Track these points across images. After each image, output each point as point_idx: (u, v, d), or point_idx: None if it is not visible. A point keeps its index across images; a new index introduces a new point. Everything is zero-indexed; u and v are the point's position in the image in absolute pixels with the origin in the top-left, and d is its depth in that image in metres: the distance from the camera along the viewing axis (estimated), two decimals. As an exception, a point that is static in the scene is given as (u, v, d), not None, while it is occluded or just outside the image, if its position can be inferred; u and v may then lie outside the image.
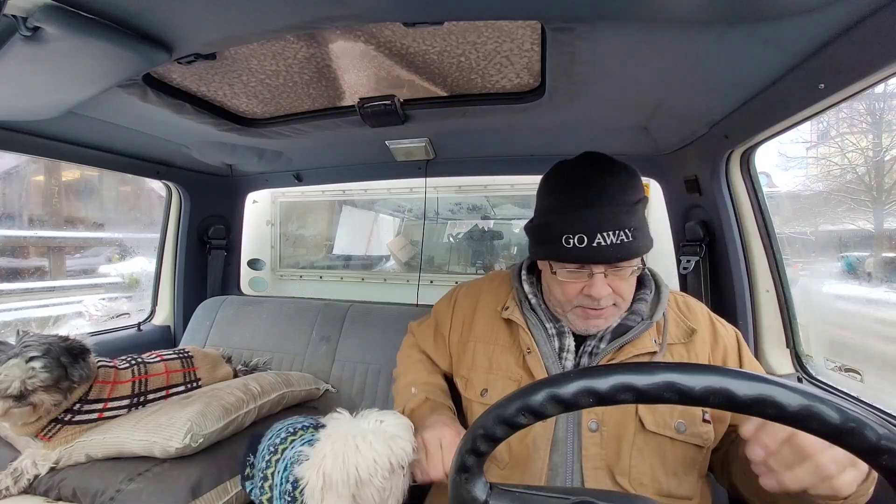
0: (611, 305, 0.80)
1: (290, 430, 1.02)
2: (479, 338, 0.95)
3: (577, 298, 0.80)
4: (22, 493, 1.04)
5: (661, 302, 0.85)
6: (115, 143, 1.42)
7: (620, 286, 0.79)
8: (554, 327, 0.87)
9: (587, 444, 0.77)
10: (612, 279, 0.78)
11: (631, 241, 0.74)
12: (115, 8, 0.64)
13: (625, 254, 0.74)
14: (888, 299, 1.34)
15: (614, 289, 0.78)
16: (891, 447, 0.32)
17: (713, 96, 0.93)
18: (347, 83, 1.05)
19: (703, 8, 0.60)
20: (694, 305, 0.90)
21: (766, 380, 0.36)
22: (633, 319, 0.83)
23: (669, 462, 0.76)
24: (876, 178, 1.47)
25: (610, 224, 0.74)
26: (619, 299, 0.80)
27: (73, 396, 1.09)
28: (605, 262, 0.75)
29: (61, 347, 1.07)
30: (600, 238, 0.73)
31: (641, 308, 0.85)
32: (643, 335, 0.81)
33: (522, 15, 0.68)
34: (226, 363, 1.54)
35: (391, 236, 2.76)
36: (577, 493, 0.47)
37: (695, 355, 0.81)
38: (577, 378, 0.40)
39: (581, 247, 0.74)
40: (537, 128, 1.25)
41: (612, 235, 0.73)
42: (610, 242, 0.73)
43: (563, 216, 0.77)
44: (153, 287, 1.98)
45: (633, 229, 0.75)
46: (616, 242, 0.73)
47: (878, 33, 0.60)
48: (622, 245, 0.74)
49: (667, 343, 0.82)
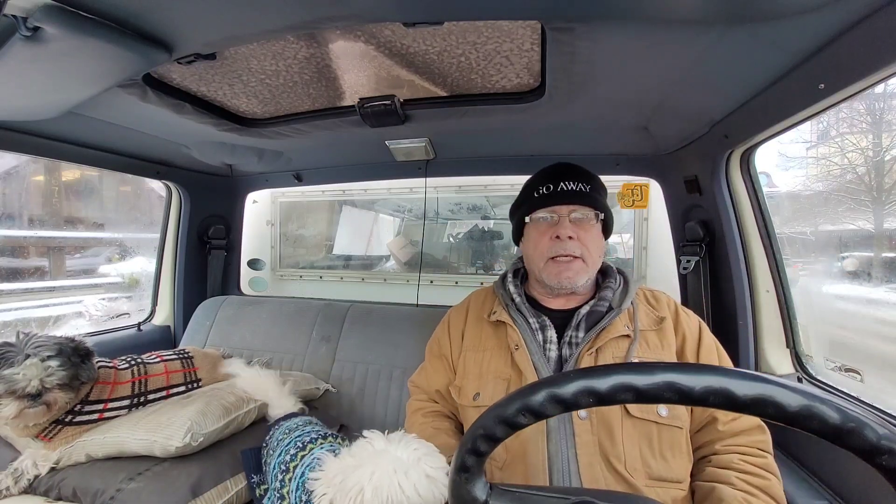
0: (578, 258, 0.91)
1: (298, 445, 0.99)
2: (469, 347, 1.02)
3: (548, 248, 0.92)
4: (22, 493, 1.04)
5: (628, 293, 0.94)
6: (115, 143, 1.42)
7: (584, 237, 0.92)
8: (537, 322, 0.94)
9: (579, 432, 0.81)
10: (577, 228, 0.92)
11: (589, 191, 0.92)
12: (115, 8, 0.64)
13: (585, 200, 0.91)
14: (888, 299, 1.34)
15: (580, 238, 0.91)
16: (891, 447, 0.32)
17: (713, 96, 0.93)
18: (347, 83, 1.05)
19: (703, 8, 0.60)
20: (660, 297, 0.99)
21: (766, 380, 0.35)
22: (602, 305, 0.93)
23: (657, 446, 0.80)
24: (876, 178, 1.47)
25: (571, 176, 0.93)
26: (585, 251, 0.92)
27: (77, 397, 1.10)
28: (567, 202, 0.92)
29: (71, 348, 1.08)
30: (563, 185, 0.92)
31: (608, 295, 0.94)
32: (615, 321, 0.89)
33: (522, 15, 0.68)
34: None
35: (391, 236, 2.76)
36: (576, 493, 0.47)
37: (665, 339, 0.89)
38: (577, 378, 0.40)
39: (547, 193, 0.94)
40: (537, 128, 1.25)
41: (572, 184, 0.92)
42: (570, 189, 0.92)
43: (534, 180, 0.99)
44: (153, 287, 1.98)
45: (590, 187, 0.92)
46: (576, 189, 0.92)
47: (878, 33, 0.60)
48: (582, 192, 0.91)
49: (639, 329, 0.89)
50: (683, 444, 0.82)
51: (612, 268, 1.02)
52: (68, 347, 1.07)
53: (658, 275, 1.79)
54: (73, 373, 1.05)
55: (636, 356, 0.85)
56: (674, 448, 0.80)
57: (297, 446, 0.99)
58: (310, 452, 0.96)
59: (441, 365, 1.06)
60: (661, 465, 0.79)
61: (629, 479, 0.76)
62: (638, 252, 1.90)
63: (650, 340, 0.89)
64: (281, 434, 1.07)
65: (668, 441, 0.80)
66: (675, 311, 0.95)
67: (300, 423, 1.10)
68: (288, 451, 0.99)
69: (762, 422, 0.84)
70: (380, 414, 1.52)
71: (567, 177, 0.94)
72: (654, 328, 0.90)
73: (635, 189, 1.64)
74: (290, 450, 0.99)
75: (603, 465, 0.78)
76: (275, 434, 1.09)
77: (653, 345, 0.88)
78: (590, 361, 0.86)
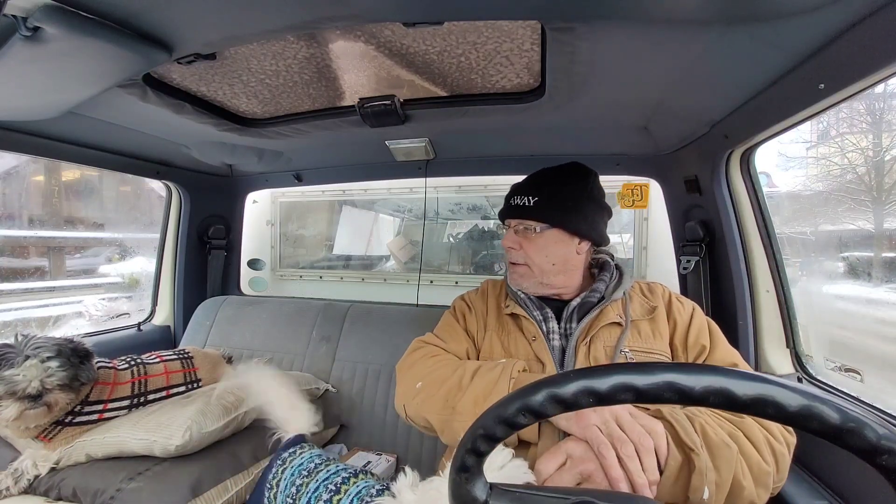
0: (522, 264, 0.99)
1: (330, 488, 0.86)
2: (492, 328, 1.04)
3: (507, 255, 1.02)
4: (22, 493, 1.04)
5: (622, 283, 0.98)
6: (115, 143, 1.42)
7: (527, 246, 0.98)
8: (540, 314, 0.98)
9: None
10: (521, 239, 0.99)
11: (531, 206, 0.96)
12: (115, 8, 0.64)
13: (523, 213, 0.98)
14: (888, 299, 1.34)
15: (524, 248, 0.99)
16: (891, 447, 0.32)
17: (713, 96, 0.93)
18: (347, 83, 1.05)
19: (703, 8, 0.60)
20: (655, 288, 1.02)
21: (766, 380, 0.35)
22: (594, 296, 0.97)
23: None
24: (876, 178, 1.47)
25: (522, 192, 0.99)
26: (529, 260, 0.98)
27: (77, 398, 1.10)
28: (513, 215, 1.00)
29: (70, 349, 1.08)
30: (512, 200, 1.01)
31: (601, 287, 0.98)
32: (606, 309, 0.94)
33: (522, 15, 0.68)
34: (226, 363, 1.54)
35: (391, 236, 2.76)
36: (577, 493, 0.47)
37: (657, 329, 0.92)
38: (577, 378, 0.40)
39: (504, 208, 1.03)
40: (537, 128, 1.25)
41: (519, 199, 0.99)
42: (516, 204, 0.99)
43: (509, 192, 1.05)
44: (153, 287, 1.98)
45: (536, 200, 0.96)
46: (521, 204, 0.98)
47: (878, 33, 0.60)
48: (523, 206, 0.98)
49: (630, 319, 0.92)
50: None
51: (610, 262, 1.04)
52: (67, 348, 1.07)
53: (658, 275, 1.79)
54: (73, 373, 1.05)
55: (627, 345, 0.88)
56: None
57: (331, 490, 0.85)
58: (346, 495, 0.84)
59: (462, 336, 1.04)
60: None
61: None
62: (638, 252, 1.91)
63: (642, 330, 0.91)
64: (294, 475, 0.92)
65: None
66: (669, 299, 0.98)
67: (314, 460, 0.95)
68: (320, 497, 0.85)
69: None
70: (380, 414, 1.52)
71: (521, 190, 1.01)
72: (646, 318, 0.93)
73: (635, 189, 1.64)
74: (322, 496, 0.85)
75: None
76: (283, 475, 0.94)
77: (644, 334, 0.91)
78: (584, 350, 0.89)
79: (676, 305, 0.96)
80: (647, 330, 0.91)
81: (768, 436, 0.72)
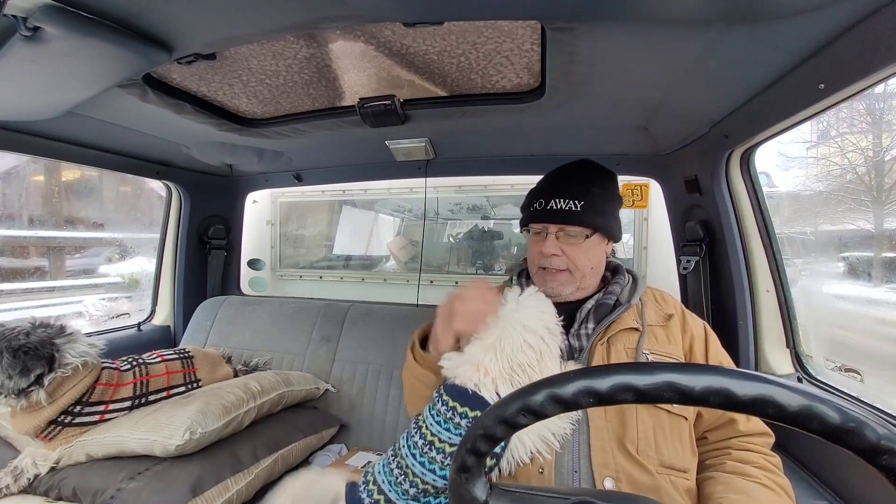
0: (564, 270, 0.94)
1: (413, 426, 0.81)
2: None
3: (539, 259, 0.96)
4: (22, 493, 1.04)
5: (637, 289, 0.97)
6: (115, 143, 1.42)
7: (572, 252, 0.94)
8: None
9: (593, 417, 0.82)
10: (564, 244, 0.94)
11: (578, 210, 0.92)
12: (115, 8, 0.64)
13: (571, 219, 0.92)
14: (888, 299, 1.34)
15: (567, 253, 0.94)
16: (891, 447, 0.32)
17: (713, 96, 0.93)
18: (347, 83, 1.05)
19: (703, 8, 0.60)
20: (668, 297, 1.02)
21: (766, 380, 0.35)
22: (610, 298, 0.95)
23: (668, 434, 0.82)
24: (876, 178, 1.47)
25: (564, 195, 0.93)
26: (571, 266, 0.94)
27: (68, 398, 1.09)
28: (552, 221, 0.94)
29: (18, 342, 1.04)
30: (553, 203, 0.94)
31: (616, 290, 0.97)
32: (624, 315, 0.92)
33: (522, 15, 0.68)
34: (226, 363, 1.54)
35: (391, 236, 2.76)
36: (577, 494, 0.47)
37: (672, 335, 0.92)
38: (577, 378, 0.40)
39: (539, 209, 0.96)
40: (537, 128, 1.25)
41: (562, 202, 0.93)
42: (559, 208, 0.93)
43: (536, 190, 1.00)
44: (153, 287, 1.98)
45: (583, 204, 0.92)
46: (565, 208, 0.92)
47: (878, 33, 0.60)
48: (570, 211, 0.92)
49: (647, 324, 0.91)
50: (687, 435, 0.84)
51: (622, 266, 1.04)
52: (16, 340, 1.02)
53: (658, 275, 1.79)
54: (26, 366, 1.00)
55: (646, 348, 0.88)
56: (682, 437, 0.83)
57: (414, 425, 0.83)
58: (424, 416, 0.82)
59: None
60: (671, 453, 0.80)
61: (643, 462, 0.77)
62: (638, 252, 1.90)
63: (658, 335, 0.92)
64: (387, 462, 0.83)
65: (677, 430, 0.83)
66: (682, 312, 0.98)
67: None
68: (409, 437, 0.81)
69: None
70: (380, 414, 1.52)
71: (560, 192, 0.94)
72: (661, 324, 0.93)
73: (635, 189, 1.64)
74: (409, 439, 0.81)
75: (616, 448, 0.79)
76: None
77: (661, 339, 0.91)
78: (602, 351, 0.89)
79: (690, 319, 0.96)
80: (663, 335, 0.92)
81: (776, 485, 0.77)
